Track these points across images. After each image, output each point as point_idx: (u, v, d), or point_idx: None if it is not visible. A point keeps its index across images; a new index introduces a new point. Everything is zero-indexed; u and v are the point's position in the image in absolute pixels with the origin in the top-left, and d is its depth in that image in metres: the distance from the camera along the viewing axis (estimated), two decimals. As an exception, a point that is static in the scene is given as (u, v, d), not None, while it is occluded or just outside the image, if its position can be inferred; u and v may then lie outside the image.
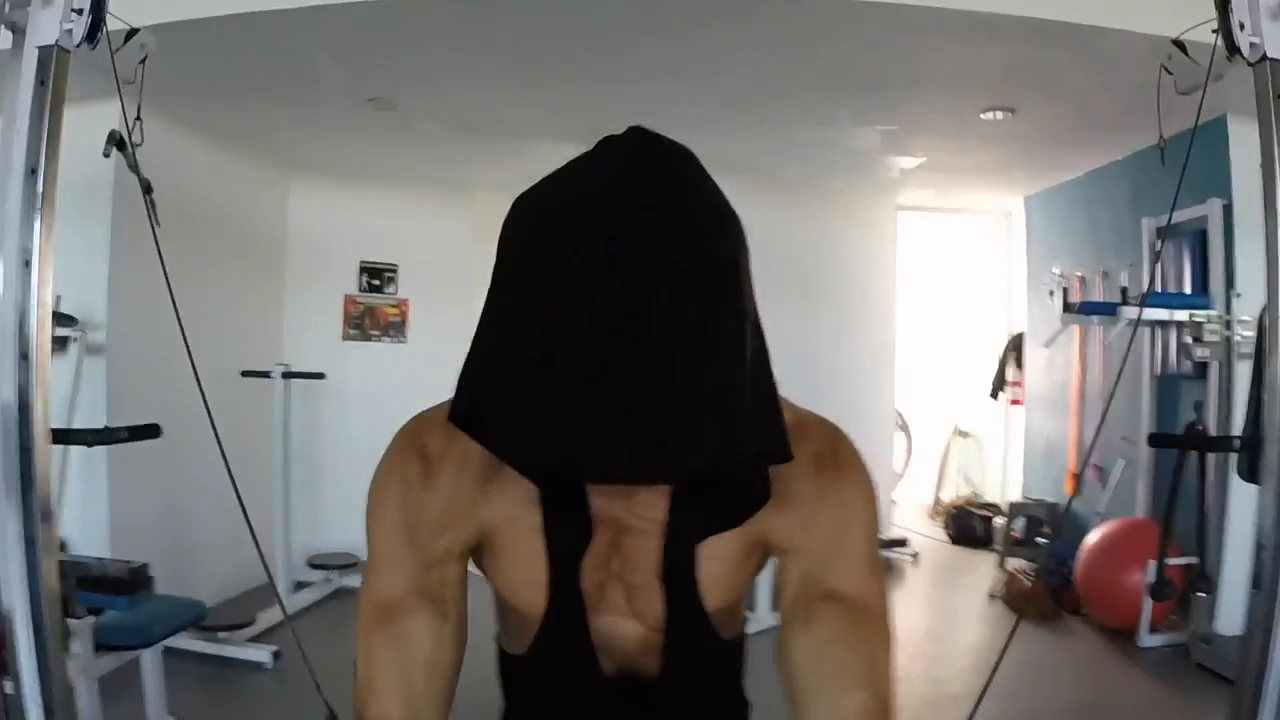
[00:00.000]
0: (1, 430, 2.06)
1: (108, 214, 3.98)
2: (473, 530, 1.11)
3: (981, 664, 4.80)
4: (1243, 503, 3.65)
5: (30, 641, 2.14)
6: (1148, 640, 4.41)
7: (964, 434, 8.48)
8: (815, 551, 1.09)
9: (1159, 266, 4.46)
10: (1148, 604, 3.97)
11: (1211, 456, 3.66)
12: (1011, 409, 7.54)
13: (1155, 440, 2.70)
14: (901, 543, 6.91)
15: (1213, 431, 3.79)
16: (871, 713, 1.06)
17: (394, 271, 6.48)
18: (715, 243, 0.82)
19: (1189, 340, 4.14)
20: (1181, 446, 2.54)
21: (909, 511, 8.35)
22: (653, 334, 0.77)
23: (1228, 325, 3.95)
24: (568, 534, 1.07)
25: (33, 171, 1.98)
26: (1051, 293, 6.07)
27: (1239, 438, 2.72)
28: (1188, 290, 4.35)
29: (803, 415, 1.12)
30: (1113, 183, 5.41)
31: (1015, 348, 7.23)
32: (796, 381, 5.06)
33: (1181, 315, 4.19)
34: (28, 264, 2.00)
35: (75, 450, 3.99)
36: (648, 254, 0.77)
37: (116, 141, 2.92)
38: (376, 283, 6.44)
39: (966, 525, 7.40)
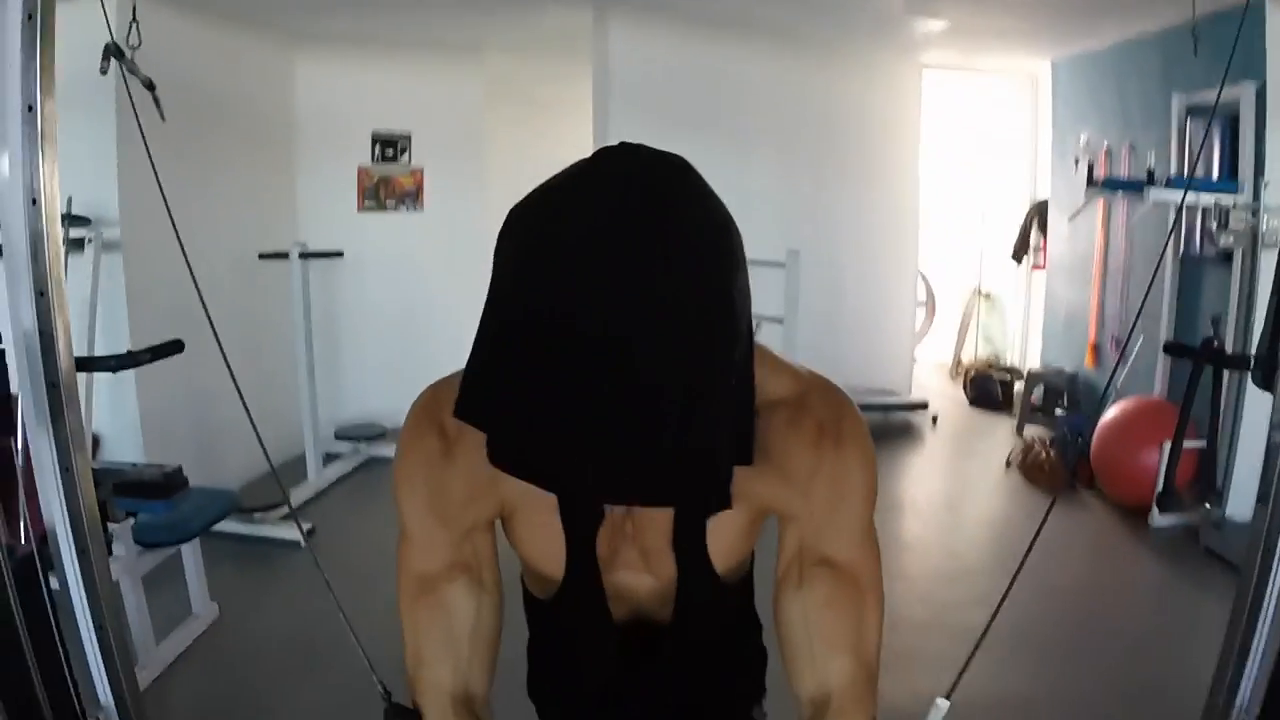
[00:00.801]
0: (28, 368, 2.12)
1: (112, 110, 3.92)
2: (494, 504, 1.15)
3: (996, 538, 4.92)
4: (1257, 397, 3.65)
5: (74, 563, 2.24)
6: (1158, 521, 4.47)
7: (986, 296, 8.45)
8: (812, 519, 1.13)
9: (1187, 150, 4.33)
10: (1161, 481, 4.01)
11: (1230, 345, 3.65)
12: (1034, 274, 7.49)
13: (1171, 348, 2.69)
14: (922, 405, 6.98)
15: (1232, 327, 3.77)
16: (856, 679, 1.13)
17: (407, 140, 6.40)
18: (707, 279, 0.81)
19: (1214, 226, 4.06)
20: (1197, 360, 2.53)
21: (929, 371, 8.41)
22: (643, 379, 0.77)
23: (1255, 214, 3.87)
24: (581, 513, 1.12)
25: (30, 108, 1.96)
26: (1077, 161, 5.93)
27: (1254, 355, 2.70)
28: (1216, 175, 4.24)
29: (806, 384, 1.12)
30: (1143, 55, 5.22)
31: (1039, 213, 7.12)
32: (819, 237, 5.14)
33: (1208, 200, 4.09)
34: (35, 202, 2.01)
35: (100, 347, 4.06)
36: (635, 300, 0.77)
37: (113, 51, 2.87)
38: (390, 152, 6.37)
39: (986, 389, 7.46)
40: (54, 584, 2.30)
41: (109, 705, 2.35)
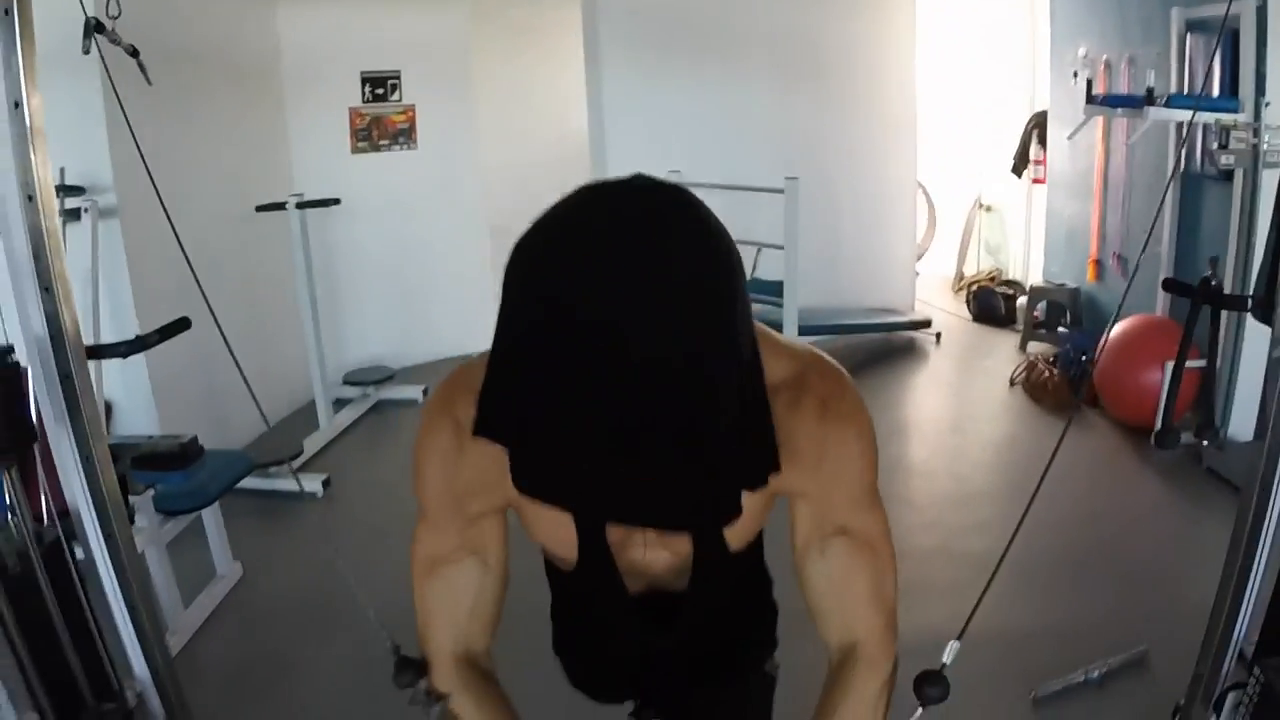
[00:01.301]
0: (40, 363, 2.15)
1: (98, 75, 3.85)
2: (503, 496, 1.20)
3: (1001, 460, 4.98)
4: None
5: (100, 542, 2.30)
6: (1160, 441, 4.50)
7: (987, 208, 8.40)
8: (824, 494, 1.20)
9: (1187, 66, 4.27)
10: (1163, 401, 4.04)
11: (1228, 282, 3.65)
12: (1034, 188, 7.44)
13: (1169, 285, 2.69)
14: (925, 323, 7.00)
15: (1232, 250, 3.77)
16: (879, 630, 1.25)
17: (397, 78, 6.33)
18: (711, 308, 0.83)
19: (1215, 146, 4.02)
20: (1195, 299, 2.54)
21: (932, 285, 8.40)
22: (656, 409, 0.79)
23: (1255, 133, 3.83)
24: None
25: (16, 104, 1.96)
26: (1075, 74, 5.85)
27: (1252, 296, 2.71)
28: (1216, 93, 4.18)
29: (803, 363, 1.17)
30: (1143, -35, 5.11)
31: (1038, 125, 7.04)
32: (816, 157, 5.13)
33: (1208, 119, 4.05)
34: (31, 198, 2.02)
35: (104, 312, 4.08)
36: (644, 326, 0.79)
37: (95, 28, 2.85)
38: (380, 91, 6.30)
39: (989, 303, 7.45)
40: (80, 555, 2.38)
41: (144, 677, 2.43)
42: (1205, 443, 2.67)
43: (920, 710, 1.33)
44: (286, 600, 3.68)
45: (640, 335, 0.78)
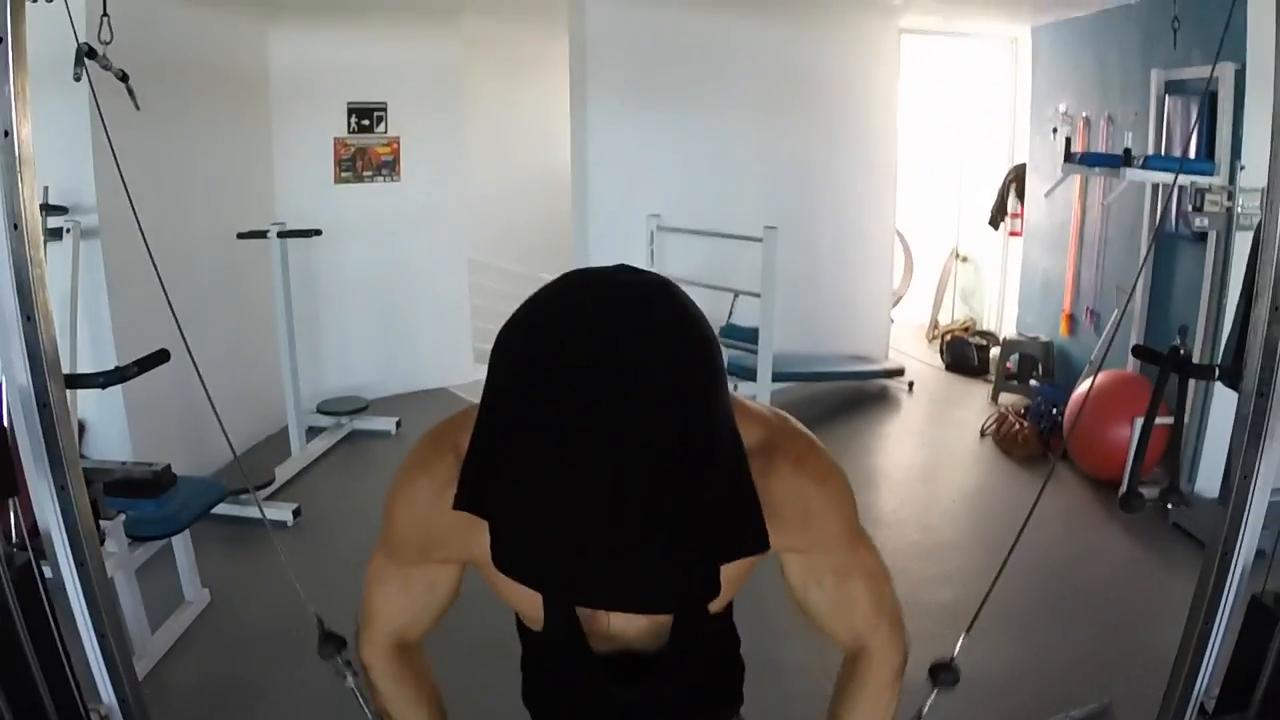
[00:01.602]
0: (18, 385, 2.14)
1: (85, 95, 3.88)
2: (466, 557, 1.24)
3: (970, 509, 5.02)
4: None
5: (72, 570, 2.28)
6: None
7: (963, 259, 8.51)
8: (812, 547, 1.24)
9: (1165, 127, 4.37)
10: (1129, 464, 4.11)
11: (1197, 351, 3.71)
12: (1010, 240, 7.54)
13: (1138, 352, 2.75)
14: (899, 372, 7.06)
15: (1203, 311, 3.85)
16: (885, 631, 1.34)
17: (383, 110, 6.38)
18: (684, 393, 0.83)
19: (1190, 208, 4.11)
20: (1163, 367, 2.59)
21: (906, 333, 8.49)
22: (629, 497, 0.80)
23: (1230, 196, 3.92)
24: None
25: (5, 133, 1.96)
26: (1055, 130, 5.97)
27: (1219, 366, 2.78)
28: (1193, 154, 4.28)
29: (770, 428, 1.18)
30: (1124, 26, 5.23)
31: (1017, 178, 7.16)
32: (796, 202, 5.20)
33: (1184, 180, 4.14)
34: (16, 227, 2.03)
35: (82, 331, 4.07)
36: (619, 409, 0.80)
37: (86, 52, 2.85)
38: (366, 123, 6.35)
39: (961, 354, 7.53)
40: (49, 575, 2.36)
41: (111, 703, 2.41)
42: (1170, 505, 2.71)
43: (935, 693, 1.56)
44: (254, 627, 3.65)
45: (622, 414, 0.79)
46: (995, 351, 7.14)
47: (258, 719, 3.08)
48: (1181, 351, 2.75)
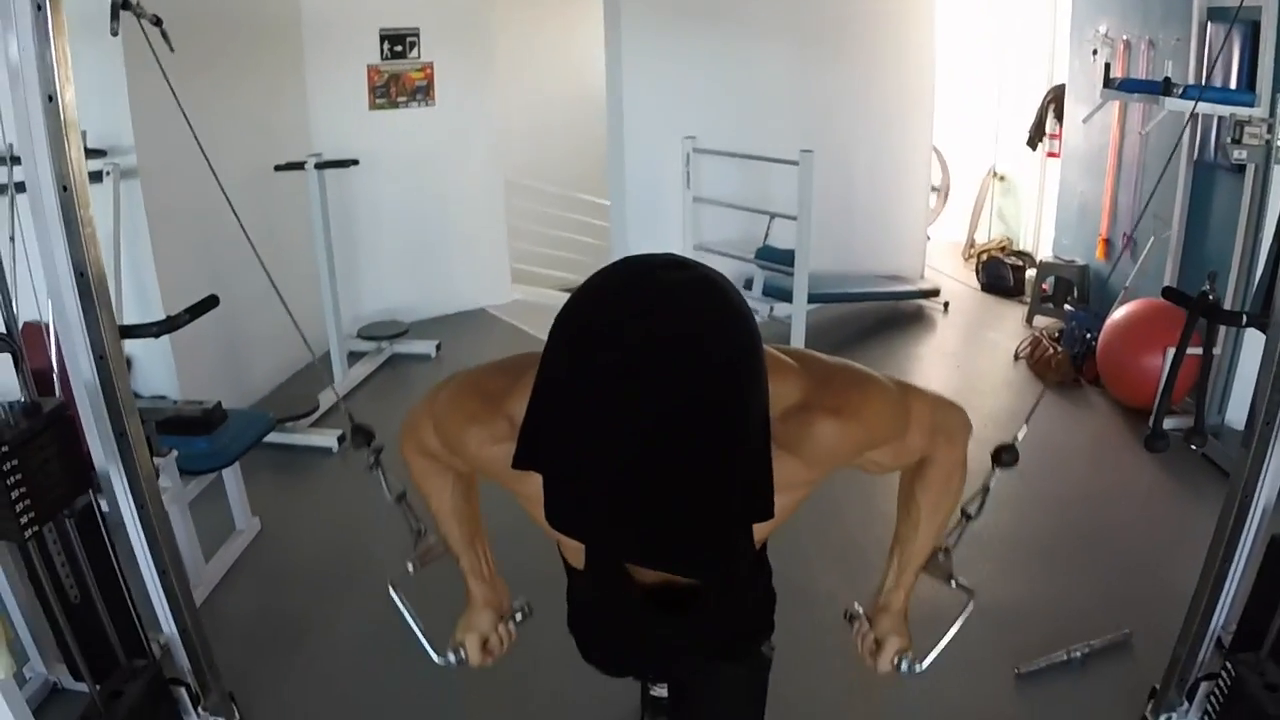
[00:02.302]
0: (77, 341, 2.24)
1: (120, 39, 3.92)
2: (510, 486, 1.30)
3: (1001, 435, 4.99)
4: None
5: (133, 514, 2.41)
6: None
7: (1001, 178, 8.41)
8: (872, 448, 1.36)
9: (1206, 54, 4.27)
10: (1156, 403, 4.12)
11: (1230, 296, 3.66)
12: (1048, 161, 7.44)
13: (1168, 293, 2.76)
14: (934, 292, 7.05)
15: (1238, 249, 3.82)
16: (950, 440, 1.52)
17: (415, 36, 6.35)
18: (723, 393, 0.90)
19: (1228, 140, 4.04)
20: (1191, 310, 2.61)
21: (942, 251, 8.43)
22: (671, 468, 0.88)
23: (1270, 129, 3.85)
24: None
25: (50, 98, 2.03)
26: (1095, 52, 5.84)
27: (1247, 313, 2.78)
28: (1234, 84, 4.20)
29: (806, 386, 1.26)
30: (1168, -54, 5.08)
31: (1055, 99, 7.02)
32: (832, 123, 5.22)
33: (1224, 111, 4.07)
34: (66, 189, 2.10)
35: (126, 271, 4.16)
36: (661, 391, 0.87)
37: (120, 5, 2.89)
38: (399, 49, 6.32)
39: (997, 274, 7.48)
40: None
41: (171, 633, 2.56)
42: (1194, 447, 2.75)
43: (996, 471, 1.87)
44: (304, 554, 3.81)
45: (665, 398, 0.87)
46: (1031, 273, 7.10)
47: (309, 644, 3.22)
48: (1210, 297, 2.75)
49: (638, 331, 0.89)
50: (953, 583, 1.77)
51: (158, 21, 3.33)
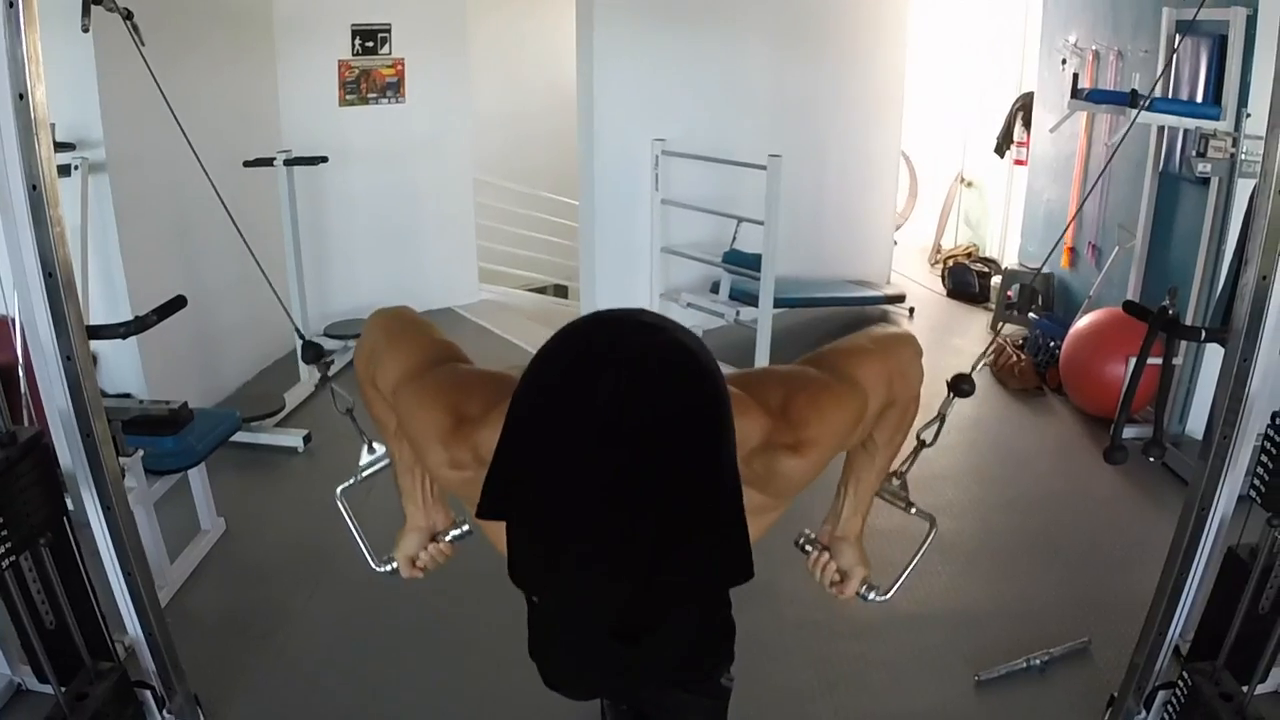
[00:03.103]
0: (44, 342, 2.22)
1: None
2: (467, 492, 1.27)
3: (964, 441, 5.09)
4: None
5: (99, 513, 2.39)
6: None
7: (968, 184, 8.49)
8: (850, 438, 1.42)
9: (1174, 67, 4.34)
10: (1117, 414, 4.18)
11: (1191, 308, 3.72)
12: (1015, 169, 7.52)
13: (1129, 307, 2.81)
14: (900, 298, 7.10)
15: (1201, 255, 3.89)
16: (905, 386, 1.53)
17: (387, 31, 6.32)
18: (692, 454, 0.90)
19: (1193, 154, 4.11)
20: (1151, 325, 2.66)
21: (909, 256, 8.49)
22: (639, 529, 0.86)
23: (1234, 143, 3.92)
24: None
25: (21, 96, 2.01)
26: (1064, 61, 5.91)
27: (1205, 329, 2.84)
28: (1200, 98, 4.27)
29: (768, 422, 1.27)
30: (1138, -41, 5.16)
31: (1024, 107, 7.09)
32: (801, 126, 5.23)
33: (1190, 124, 4.14)
34: (35, 188, 2.09)
35: (93, 269, 4.11)
36: (631, 442, 0.87)
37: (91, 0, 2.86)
38: (370, 44, 6.30)
39: (963, 280, 7.56)
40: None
41: (136, 635, 2.54)
42: (1151, 459, 2.80)
43: (953, 399, 1.96)
44: (270, 553, 3.78)
45: (633, 461, 0.86)
46: (996, 280, 7.17)
47: (276, 644, 3.20)
48: (1171, 312, 2.81)
49: (610, 399, 0.88)
50: (911, 509, 1.87)
51: (128, 15, 3.29)
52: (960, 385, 1.98)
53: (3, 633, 2.79)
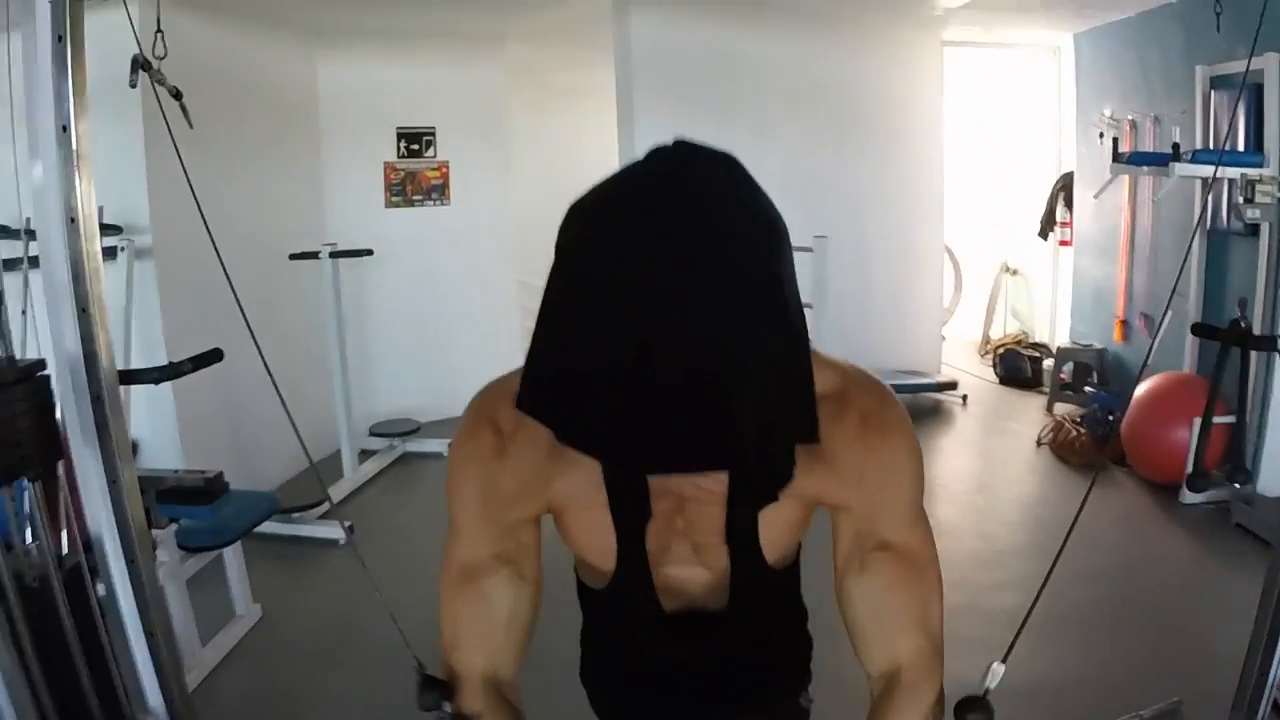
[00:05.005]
0: (72, 383, 2.17)
1: (139, 116, 3.95)
2: (543, 503, 1.20)
3: (1028, 517, 4.92)
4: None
5: (124, 573, 2.30)
6: (1189, 498, 4.48)
7: (1013, 272, 8.41)
8: (865, 508, 1.18)
9: (1212, 122, 4.29)
10: (1190, 463, 4.01)
11: (1257, 324, 3.63)
12: (1060, 250, 7.43)
13: (1198, 330, 2.69)
14: (951, 385, 6.95)
15: (1260, 303, 3.75)
16: (924, 653, 1.20)
17: (431, 135, 6.46)
18: (752, 263, 0.85)
19: (1240, 200, 4.03)
20: (1224, 341, 2.53)
21: (958, 349, 8.38)
22: (699, 349, 0.80)
23: (1281, 186, 3.84)
24: (630, 511, 1.15)
25: (64, 129, 2.01)
26: (1101, 135, 5.89)
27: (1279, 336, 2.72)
28: (1241, 147, 4.20)
29: (848, 378, 1.16)
30: (1165, 25, 5.19)
31: (1064, 187, 7.06)
32: (843, 218, 5.18)
33: (1234, 173, 4.06)
34: (73, 221, 2.07)
35: (135, 350, 4.14)
36: (688, 278, 0.81)
37: (141, 65, 2.92)
38: (415, 147, 6.43)
39: (1015, 365, 7.43)
40: (100, 591, 2.38)
41: (159, 708, 2.41)
42: (1238, 485, 2.64)
43: None
44: (305, 643, 3.66)
45: (684, 286, 0.80)
46: (1049, 363, 7.02)
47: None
48: (1242, 325, 2.68)
49: (649, 223, 0.82)
50: None
51: (178, 94, 3.35)
52: (968, 716, 1.20)
53: (18, 702, 2.68)
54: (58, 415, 2.19)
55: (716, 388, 0.81)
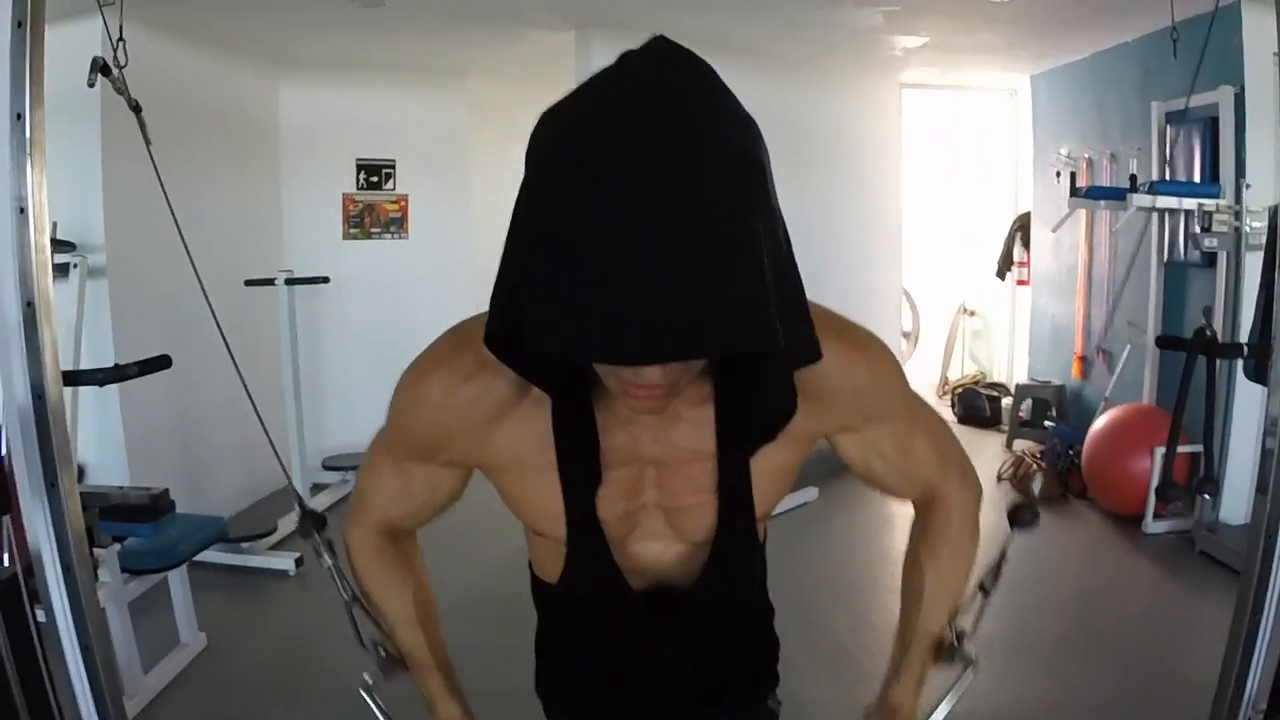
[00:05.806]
0: (14, 379, 2.08)
1: (97, 133, 3.88)
2: (475, 461, 1.19)
3: (987, 552, 4.89)
4: (1249, 394, 3.64)
5: (60, 581, 2.18)
6: (1152, 527, 4.50)
7: (970, 313, 8.47)
8: (869, 420, 1.21)
9: (1169, 153, 4.36)
10: (1153, 492, 4.02)
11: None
12: (1018, 289, 7.51)
13: (1163, 342, 2.71)
14: (909, 424, 6.95)
15: (1220, 327, 3.79)
16: (954, 473, 1.35)
17: (391, 167, 6.42)
18: (740, 144, 0.83)
19: (1198, 230, 4.08)
20: (1189, 350, 2.53)
21: (916, 389, 8.37)
22: (687, 228, 0.77)
23: (1238, 216, 3.89)
24: (579, 467, 1.10)
25: (19, 116, 1.94)
26: (1058, 174, 5.97)
27: (1247, 344, 2.72)
28: (1197, 178, 4.27)
29: (812, 310, 1.11)
30: (1120, 65, 5.30)
31: (1022, 227, 7.15)
32: (801, 260, 5.12)
33: (1190, 204, 4.12)
34: (23, 211, 1.98)
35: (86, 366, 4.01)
36: (675, 158, 0.78)
37: (101, 67, 2.85)
38: (375, 179, 6.38)
39: (973, 405, 7.45)
40: (39, 616, 2.26)
41: (92, 730, 2.29)
42: (1206, 496, 2.63)
43: (1014, 534, 1.43)
44: (251, 673, 3.53)
45: (666, 183, 0.77)
46: (1007, 401, 7.05)
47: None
48: (1208, 334, 2.68)
49: (627, 114, 0.80)
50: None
51: (137, 108, 3.27)
52: (1022, 515, 1.45)
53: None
54: (-1, 418, 2.09)
55: (733, 266, 0.79)
